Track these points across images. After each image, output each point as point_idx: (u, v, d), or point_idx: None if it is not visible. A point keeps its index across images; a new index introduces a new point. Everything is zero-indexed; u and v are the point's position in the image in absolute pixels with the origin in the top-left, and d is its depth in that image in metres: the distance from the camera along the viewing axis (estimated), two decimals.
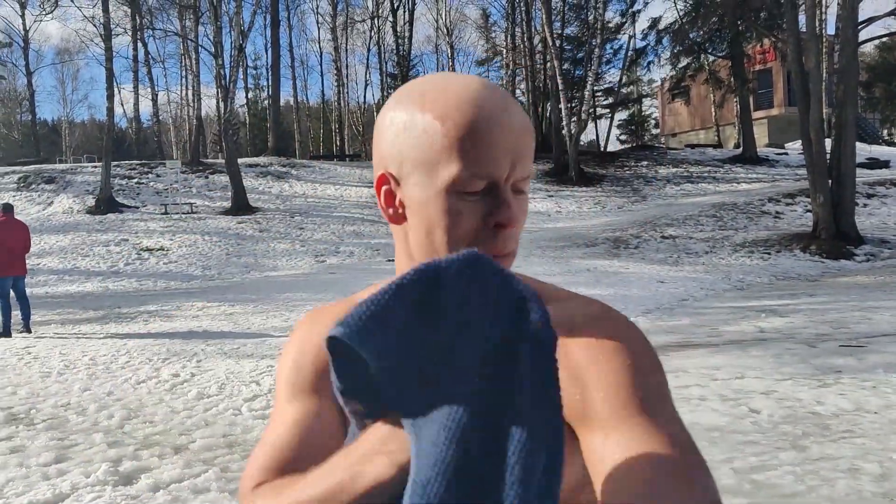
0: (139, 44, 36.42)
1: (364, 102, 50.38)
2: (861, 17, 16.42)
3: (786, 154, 30.92)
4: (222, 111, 25.12)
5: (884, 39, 28.89)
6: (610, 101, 38.83)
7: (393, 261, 0.82)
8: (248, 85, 51.00)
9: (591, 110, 35.75)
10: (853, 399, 5.13)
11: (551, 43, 28.43)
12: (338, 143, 45.15)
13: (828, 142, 16.45)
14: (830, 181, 15.99)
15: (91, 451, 4.49)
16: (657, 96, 47.58)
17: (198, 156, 31.88)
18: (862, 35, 16.84)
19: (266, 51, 44.73)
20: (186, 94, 44.61)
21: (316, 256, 18.35)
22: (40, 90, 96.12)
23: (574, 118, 28.21)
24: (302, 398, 0.79)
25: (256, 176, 27.58)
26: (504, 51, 43.44)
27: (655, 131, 50.44)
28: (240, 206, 23.26)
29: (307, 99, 58.18)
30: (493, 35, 50.11)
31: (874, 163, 27.27)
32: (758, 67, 34.52)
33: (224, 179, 25.32)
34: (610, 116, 39.34)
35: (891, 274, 13.12)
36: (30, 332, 9.62)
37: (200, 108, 34.43)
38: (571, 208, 24.58)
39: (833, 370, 6.03)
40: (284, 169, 29.38)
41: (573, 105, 29.48)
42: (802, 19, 17.93)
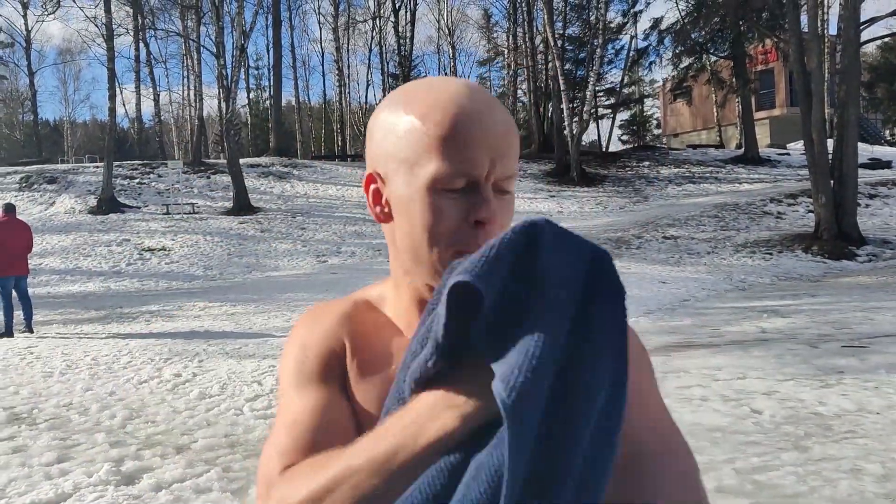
0: (141, 44, 36.49)
1: (366, 103, 50.42)
2: (863, 18, 16.43)
3: (788, 154, 30.90)
4: (224, 111, 25.14)
5: (886, 40, 28.94)
6: (612, 102, 38.80)
7: None
8: (250, 85, 51.22)
9: (593, 110, 35.69)
10: (855, 399, 5.12)
11: (553, 43, 28.42)
12: (339, 144, 45.19)
13: (830, 142, 16.43)
14: (832, 181, 15.97)
15: (93, 451, 4.50)
16: (659, 96, 47.59)
17: (199, 156, 31.91)
18: (864, 35, 16.83)
19: (268, 51, 44.96)
20: (188, 95, 44.71)
21: (317, 256, 18.36)
22: (42, 90, 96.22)
23: (576, 118, 28.20)
24: (313, 387, 0.80)
25: (258, 176, 27.60)
26: (506, 51, 43.46)
27: (657, 132, 50.47)
28: (241, 207, 23.27)
29: (309, 99, 58.32)
30: (495, 35, 50.19)
31: (876, 163, 27.25)
32: (760, 68, 34.49)
33: (226, 179, 25.34)
34: (612, 117, 39.33)
35: (893, 274, 13.10)
36: (32, 332, 9.63)
37: (202, 109, 34.48)
38: (573, 209, 24.57)
39: (835, 371, 6.02)
40: (286, 169, 29.40)
41: (575, 105, 29.47)
42: (804, 19, 17.92)
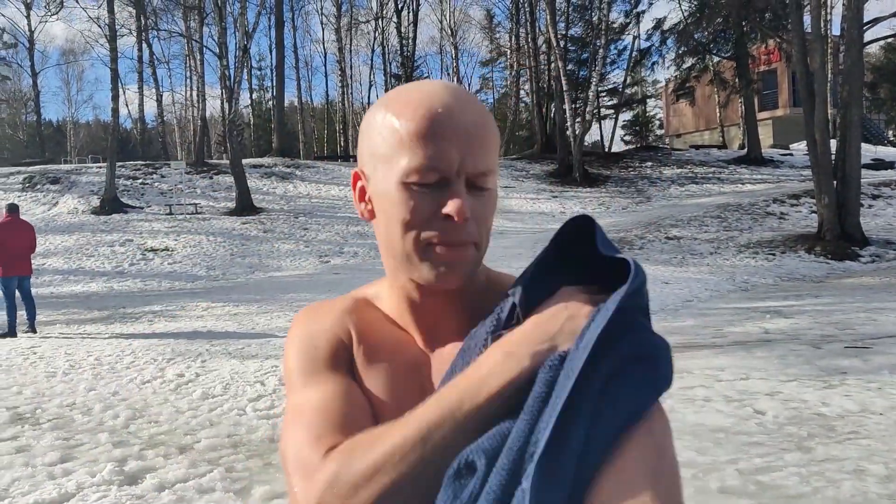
0: (144, 45, 36.61)
1: (368, 103, 50.35)
2: (866, 18, 16.38)
3: (790, 155, 30.87)
4: (227, 112, 25.17)
5: (889, 40, 28.87)
6: (614, 102, 38.82)
7: None
8: (253, 86, 51.28)
9: (596, 111, 35.66)
10: (858, 400, 5.11)
11: (556, 43, 28.42)
12: (342, 144, 45.22)
13: (833, 143, 16.41)
14: (835, 182, 15.94)
15: (96, 451, 4.50)
16: (661, 97, 47.54)
17: (202, 156, 31.91)
18: (867, 36, 16.80)
19: (270, 52, 44.92)
20: (191, 95, 44.69)
21: (320, 257, 18.37)
22: (45, 91, 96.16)
23: (578, 119, 28.21)
24: (329, 374, 0.80)
25: (261, 176, 27.62)
26: (508, 52, 43.50)
27: (660, 132, 50.38)
28: (244, 207, 23.29)
29: (311, 100, 58.30)
30: (498, 36, 50.27)
31: (879, 164, 27.21)
32: (762, 68, 34.50)
33: (228, 180, 25.36)
34: (614, 117, 39.33)
35: None
36: (35, 333, 9.65)
37: (205, 109, 34.42)
38: (576, 209, 24.56)
39: (838, 371, 6.01)
40: (289, 169, 29.41)
41: (577, 106, 29.49)
42: (807, 20, 17.89)
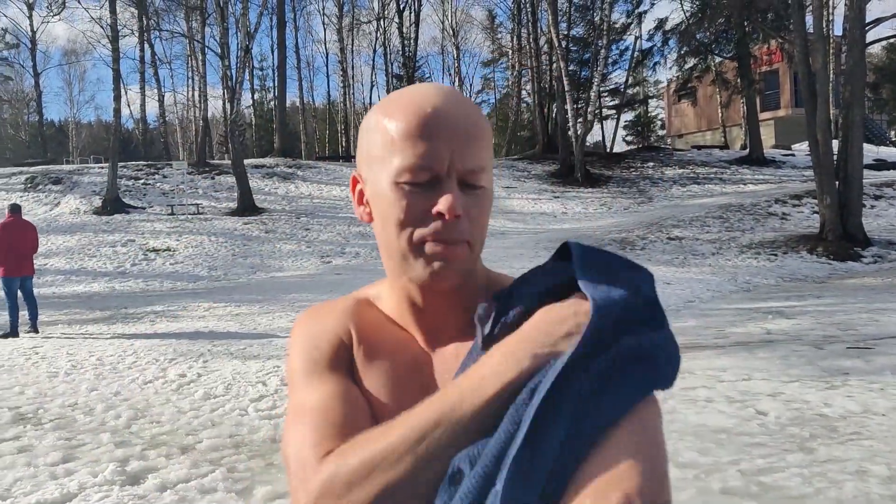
0: (146, 45, 36.64)
1: (370, 103, 50.31)
2: (868, 18, 16.34)
3: (792, 155, 30.85)
4: (228, 112, 25.19)
5: (891, 40, 28.80)
6: (616, 102, 38.83)
7: None
8: (255, 86, 51.34)
9: (597, 111, 35.65)
10: (861, 401, 5.10)
11: (557, 44, 28.42)
12: (343, 144, 45.25)
13: (835, 143, 16.39)
14: (837, 182, 15.92)
15: (98, 451, 4.51)
16: (663, 97, 47.52)
17: (204, 157, 31.94)
18: (869, 36, 16.77)
19: (272, 52, 44.87)
20: (193, 96, 44.72)
21: (322, 257, 18.37)
22: (47, 91, 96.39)
23: (580, 119, 28.22)
24: (329, 375, 0.81)
25: (262, 177, 27.64)
26: (510, 52, 43.52)
27: (661, 132, 50.37)
28: (246, 207, 23.31)
29: (313, 100, 58.23)
30: (499, 36, 50.29)
31: (881, 164, 27.19)
32: (764, 68, 34.47)
33: (230, 180, 25.39)
34: (616, 117, 39.37)
35: None
36: (37, 333, 9.65)
37: (207, 110, 34.45)
38: (577, 209, 24.55)
39: (840, 372, 6.00)
40: (290, 170, 29.43)
41: (579, 106, 29.49)
42: (809, 20, 17.88)
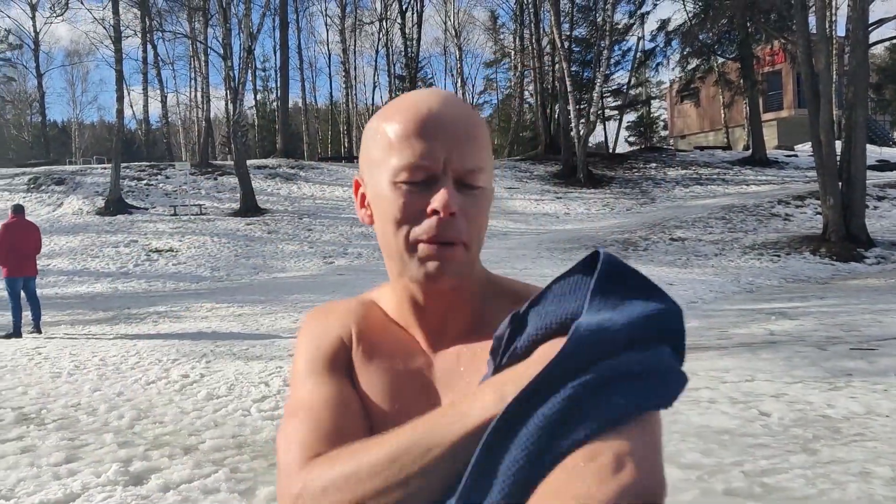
0: (149, 46, 36.67)
1: (372, 104, 50.35)
2: (872, 19, 16.33)
3: (795, 156, 30.82)
4: (231, 113, 25.21)
5: (895, 41, 28.75)
6: (618, 103, 38.83)
7: None
8: (257, 87, 51.24)
9: (600, 112, 35.65)
10: (864, 402, 5.10)
11: (560, 45, 28.42)
12: (346, 145, 45.20)
13: (838, 144, 16.37)
14: (840, 183, 15.91)
15: (101, 452, 4.51)
16: (666, 98, 47.49)
17: (207, 157, 32.00)
18: (872, 37, 16.74)
19: (275, 53, 44.89)
20: (195, 96, 44.77)
21: (324, 258, 18.38)
22: (50, 92, 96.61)
23: (582, 120, 28.20)
24: (326, 377, 0.83)
25: (265, 177, 27.66)
26: (512, 52, 43.53)
27: (664, 133, 50.31)
28: (248, 208, 23.33)
29: (315, 101, 58.16)
30: (502, 37, 50.29)
31: (885, 165, 27.17)
32: (767, 69, 34.43)
33: (233, 181, 25.41)
34: (618, 118, 39.39)
35: None
36: (40, 333, 9.66)
37: (209, 110, 34.59)
38: (580, 210, 24.54)
39: (844, 373, 5.99)
40: (293, 170, 29.45)
41: (582, 107, 29.47)
42: (812, 20, 17.85)
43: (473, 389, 0.71)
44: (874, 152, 26.21)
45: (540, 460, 0.61)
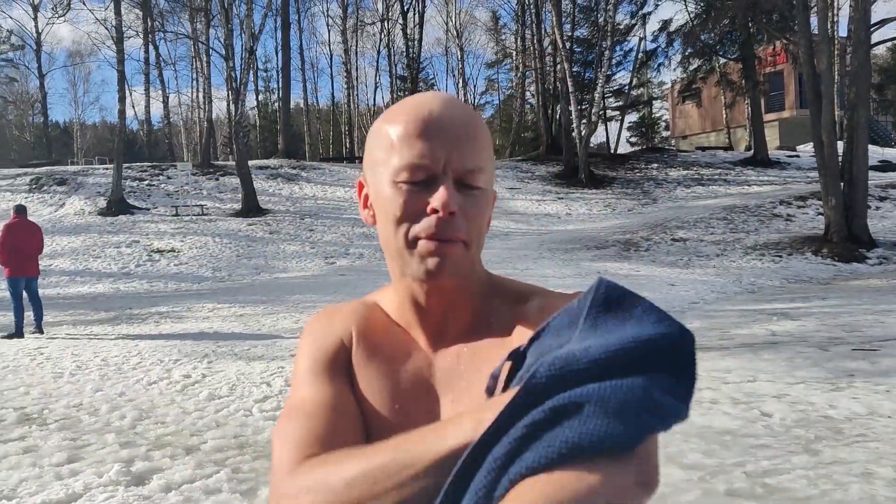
0: (150, 46, 36.66)
1: (374, 105, 50.47)
2: (874, 19, 16.34)
3: (797, 156, 30.79)
4: (233, 113, 25.22)
5: None
6: (620, 104, 38.80)
7: None
8: (259, 87, 51.21)
9: (602, 112, 35.65)
10: (866, 403, 5.09)
11: (561, 45, 28.42)
12: (348, 146, 45.18)
13: (840, 144, 16.36)
14: (842, 184, 15.90)
15: (103, 452, 4.52)
16: (667, 98, 47.46)
17: (208, 158, 31.99)
18: (874, 37, 16.74)
19: (276, 53, 45.04)
20: (197, 97, 44.87)
21: (326, 258, 18.39)
22: (52, 92, 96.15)
23: (584, 120, 28.18)
24: (324, 379, 0.84)
25: (267, 178, 27.67)
26: (514, 53, 43.50)
27: (666, 134, 50.28)
28: (250, 208, 23.34)
29: (317, 101, 58.24)
30: (503, 37, 50.29)
31: (887, 165, 27.13)
32: (769, 69, 34.40)
33: (234, 181, 25.41)
34: (620, 118, 39.33)
35: None
36: (42, 333, 9.68)
37: (211, 111, 34.54)
38: (581, 210, 24.54)
39: (846, 374, 5.99)
40: (294, 171, 29.46)
41: (583, 107, 29.46)
42: (814, 21, 17.83)
43: (459, 410, 0.72)
44: (876, 153, 26.18)
45: (491, 495, 0.60)
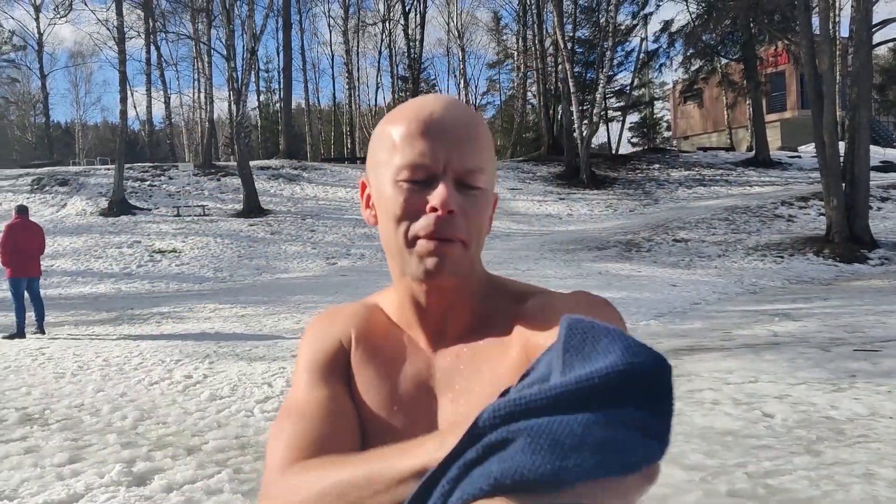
0: (152, 47, 36.64)
1: (375, 105, 50.50)
2: (875, 20, 16.34)
3: (799, 157, 30.75)
4: (234, 114, 25.23)
5: None
6: (621, 104, 38.75)
7: None
8: (260, 88, 51.26)
9: (603, 113, 35.65)
10: (868, 403, 5.09)
11: (563, 45, 28.41)
12: (349, 146, 45.20)
13: (841, 145, 16.35)
14: (844, 184, 15.89)
15: (105, 452, 4.52)
16: (669, 99, 47.43)
17: (210, 158, 31.99)
18: (876, 37, 16.75)
19: (278, 54, 44.97)
20: (199, 97, 44.93)
21: (327, 259, 18.40)
22: (54, 93, 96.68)
23: (585, 121, 28.17)
24: (322, 381, 0.85)
25: (268, 178, 27.68)
26: (515, 53, 43.48)
27: (667, 134, 50.26)
28: (251, 209, 23.35)
29: (319, 102, 58.31)
30: (505, 38, 50.30)
31: (888, 166, 27.09)
32: (770, 70, 34.37)
33: (236, 182, 25.43)
34: (621, 119, 39.29)
35: None
36: (43, 334, 9.68)
37: (213, 111, 34.55)
38: (583, 211, 24.54)
39: (847, 374, 5.98)
40: (296, 171, 29.47)
41: (585, 108, 29.44)
42: (816, 21, 17.82)
43: (459, 410, 0.73)
44: (878, 153, 26.17)
45: None
